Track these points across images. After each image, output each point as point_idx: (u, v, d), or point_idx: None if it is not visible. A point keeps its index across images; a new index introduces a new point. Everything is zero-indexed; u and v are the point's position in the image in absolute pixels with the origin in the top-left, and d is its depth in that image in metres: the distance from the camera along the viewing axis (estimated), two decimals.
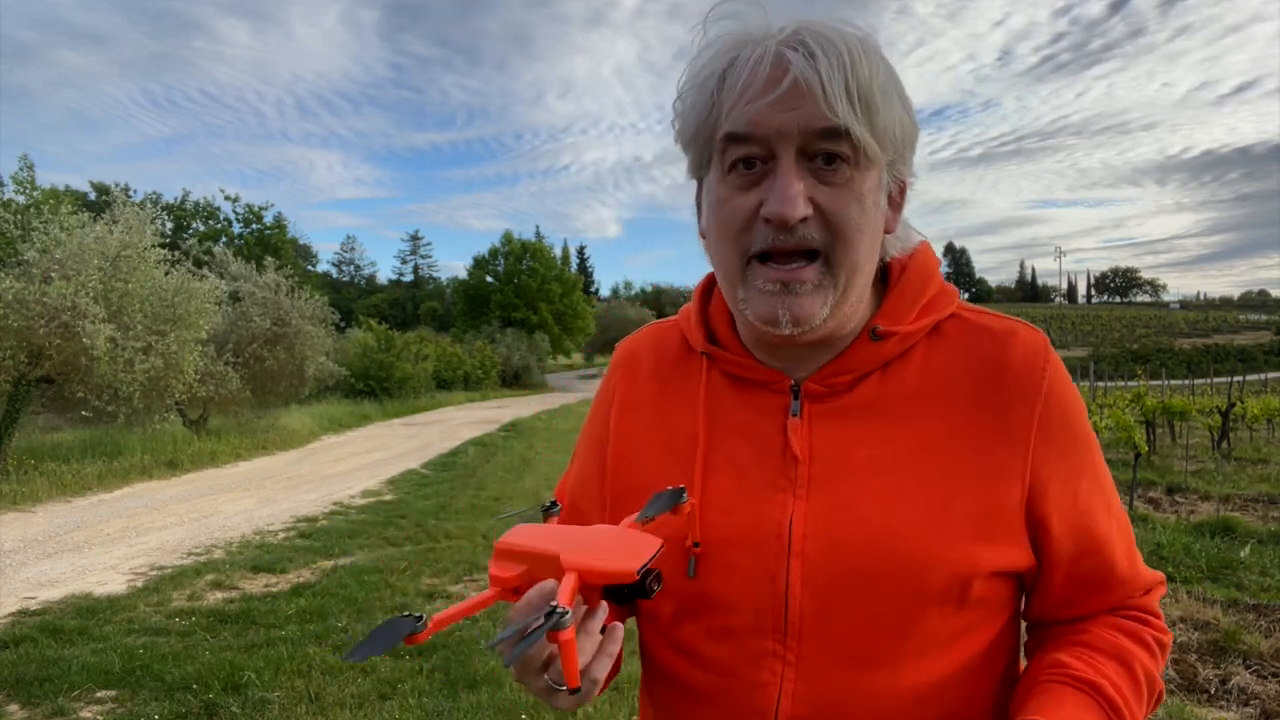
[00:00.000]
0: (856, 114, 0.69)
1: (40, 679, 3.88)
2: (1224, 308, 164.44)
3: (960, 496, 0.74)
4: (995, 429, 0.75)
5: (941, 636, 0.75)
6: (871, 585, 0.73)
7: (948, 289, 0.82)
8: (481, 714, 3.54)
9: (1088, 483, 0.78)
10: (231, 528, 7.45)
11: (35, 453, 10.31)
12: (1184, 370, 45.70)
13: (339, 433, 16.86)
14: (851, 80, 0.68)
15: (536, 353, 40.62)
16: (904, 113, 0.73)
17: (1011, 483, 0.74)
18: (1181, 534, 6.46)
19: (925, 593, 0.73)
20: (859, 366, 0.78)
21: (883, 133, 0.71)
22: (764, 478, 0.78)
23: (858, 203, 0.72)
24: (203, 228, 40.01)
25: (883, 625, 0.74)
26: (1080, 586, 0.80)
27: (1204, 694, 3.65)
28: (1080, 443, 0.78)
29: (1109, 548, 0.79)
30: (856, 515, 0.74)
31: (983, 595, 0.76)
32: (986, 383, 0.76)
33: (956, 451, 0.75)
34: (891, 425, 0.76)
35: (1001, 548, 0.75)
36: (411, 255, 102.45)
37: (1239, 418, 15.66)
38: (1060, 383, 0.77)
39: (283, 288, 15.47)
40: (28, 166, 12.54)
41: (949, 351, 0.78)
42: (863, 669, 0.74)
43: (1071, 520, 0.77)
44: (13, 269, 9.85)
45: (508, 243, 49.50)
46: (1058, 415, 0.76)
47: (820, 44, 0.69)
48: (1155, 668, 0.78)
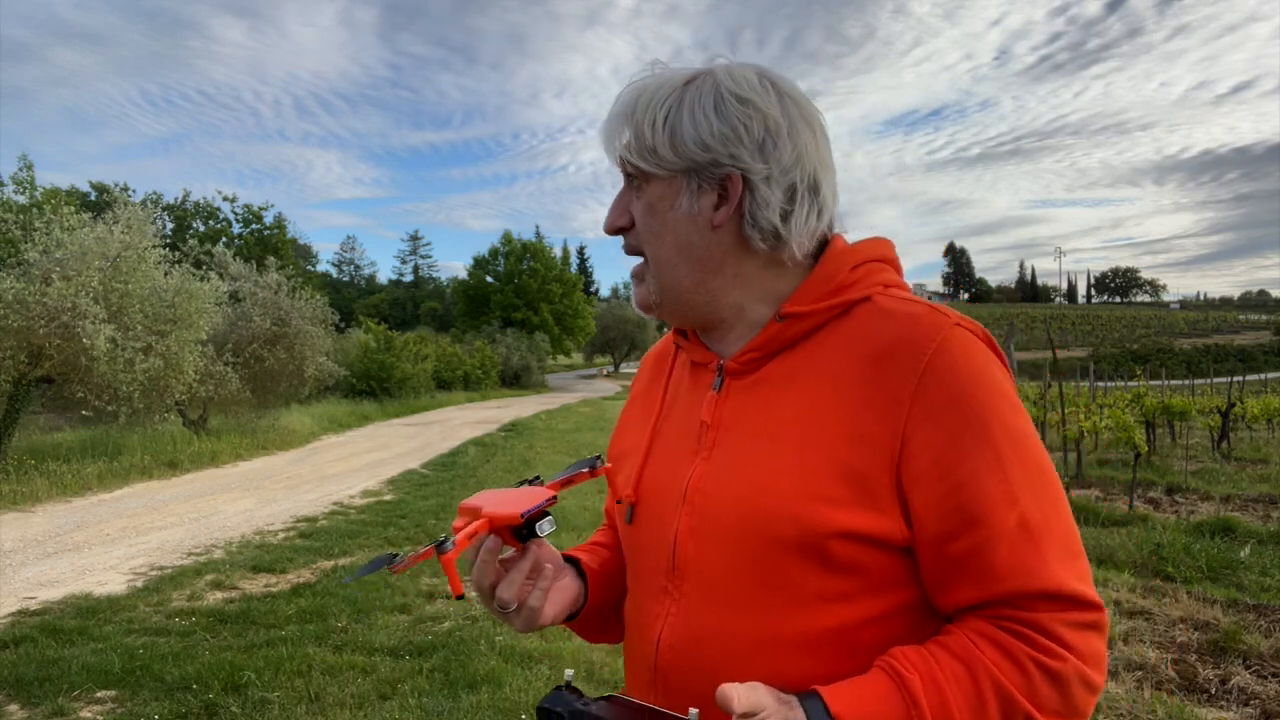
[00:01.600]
0: (628, 145, 0.88)
1: (40, 679, 3.88)
2: (1224, 308, 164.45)
3: (823, 460, 0.80)
4: (872, 401, 0.80)
5: (808, 595, 0.79)
6: (734, 534, 0.82)
7: (871, 278, 0.88)
8: (481, 714, 3.54)
9: (975, 466, 0.76)
10: (231, 528, 7.45)
11: (35, 453, 10.31)
12: (1184, 370, 45.71)
13: (339, 433, 16.86)
14: (629, 119, 0.87)
15: (536, 353, 40.62)
16: (695, 127, 0.84)
17: (877, 453, 0.78)
18: (1181, 534, 6.46)
19: (778, 544, 0.79)
20: (768, 345, 0.88)
21: (658, 149, 0.85)
22: (685, 443, 0.92)
23: (648, 211, 0.89)
24: (203, 228, 39.98)
25: (744, 572, 0.82)
26: (948, 570, 0.78)
27: (1204, 694, 3.65)
28: (973, 425, 0.77)
29: (987, 537, 0.75)
30: (735, 473, 0.85)
31: (850, 559, 0.78)
32: (874, 359, 0.81)
33: (831, 419, 0.81)
34: (786, 395, 0.85)
35: (857, 512, 0.78)
36: (411, 255, 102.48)
37: (1239, 418, 15.66)
38: (952, 363, 0.79)
39: (283, 288, 15.47)
40: (27, 167, 12.54)
41: (851, 331, 0.85)
42: (729, 610, 0.83)
43: (940, 498, 0.76)
44: (13, 269, 9.85)
45: (508, 243, 49.51)
46: (942, 394, 0.78)
47: (624, 94, 0.89)
48: (1022, 688, 0.72)
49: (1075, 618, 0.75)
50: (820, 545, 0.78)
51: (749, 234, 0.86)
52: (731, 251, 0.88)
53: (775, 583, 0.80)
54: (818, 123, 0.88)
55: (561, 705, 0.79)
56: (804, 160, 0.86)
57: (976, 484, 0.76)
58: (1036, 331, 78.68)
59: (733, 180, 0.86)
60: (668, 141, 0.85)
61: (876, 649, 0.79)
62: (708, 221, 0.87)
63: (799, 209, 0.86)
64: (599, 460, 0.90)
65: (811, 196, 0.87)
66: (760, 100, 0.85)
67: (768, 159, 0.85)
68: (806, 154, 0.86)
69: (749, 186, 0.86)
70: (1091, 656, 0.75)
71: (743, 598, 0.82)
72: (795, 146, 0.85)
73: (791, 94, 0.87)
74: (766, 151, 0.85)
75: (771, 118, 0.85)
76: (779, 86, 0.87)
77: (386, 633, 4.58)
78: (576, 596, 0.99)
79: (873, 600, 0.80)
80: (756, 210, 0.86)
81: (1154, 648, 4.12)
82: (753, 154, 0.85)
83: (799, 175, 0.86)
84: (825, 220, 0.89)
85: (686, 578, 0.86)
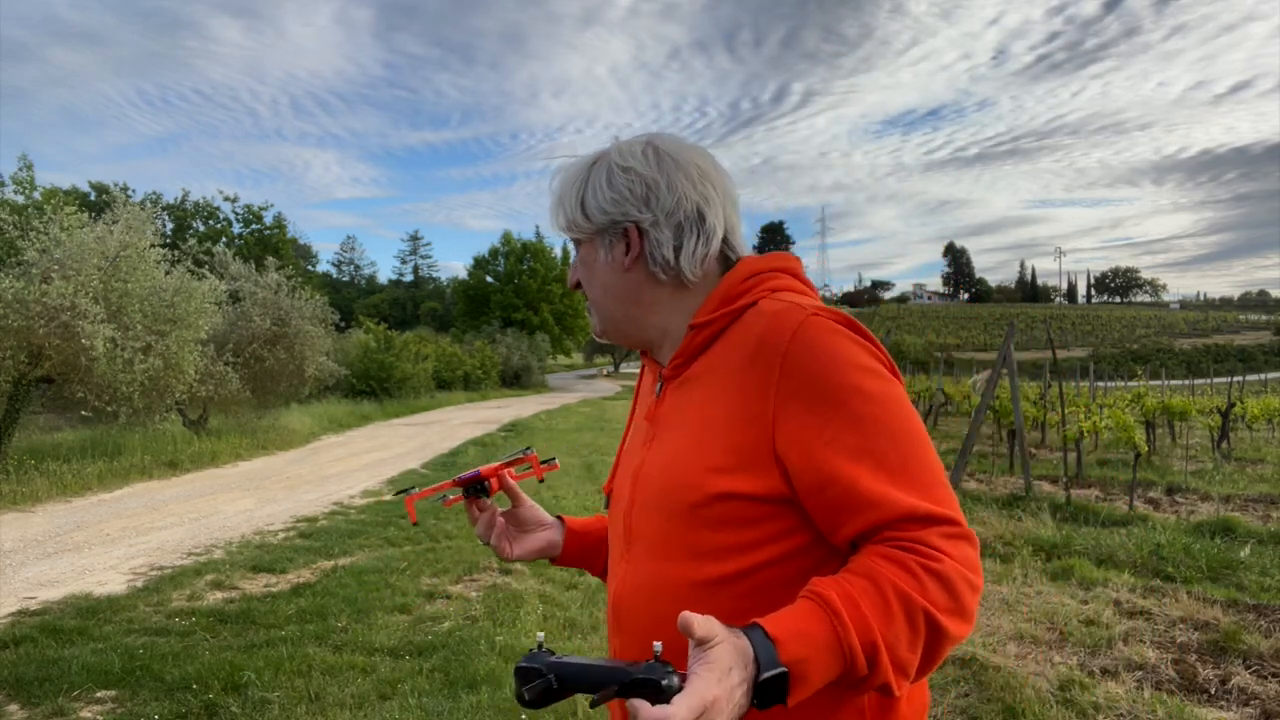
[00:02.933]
0: (559, 221, 1.15)
1: (40, 679, 3.87)
2: (1224, 308, 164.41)
3: (715, 438, 0.99)
4: (748, 385, 0.98)
5: (713, 547, 0.98)
6: (656, 503, 1.04)
7: (760, 286, 1.07)
8: (481, 714, 3.54)
9: (835, 428, 0.93)
10: (231, 528, 7.45)
11: (35, 453, 10.30)
12: (1184, 370, 45.70)
13: (339, 433, 16.87)
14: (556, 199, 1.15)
15: (536, 353, 40.62)
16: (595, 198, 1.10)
17: (755, 427, 0.97)
18: (1181, 534, 6.46)
19: (684, 508, 0.99)
20: (686, 352, 1.08)
21: (576, 220, 1.11)
22: (639, 438, 1.16)
23: (582, 265, 1.16)
24: (203, 228, 39.95)
25: (665, 532, 1.02)
26: (831, 513, 0.94)
27: (1204, 694, 3.65)
28: (828, 393, 0.94)
29: (852, 479, 0.91)
30: (659, 457, 1.06)
31: (742, 515, 0.97)
32: (750, 351, 1.00)
33: (721, 405, 1.00)
34: (695, 391, 1.06)
35: (742, 477, 0.96)
36: (411, 255, 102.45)
37: (1239, 418, 15.66)
38: (805, 344, 0.96)
39: (283, 288, 15.47)
40: (27, 166, 12.55)
41: (738, 333, 1.04)
42: (659, 563, 1.03)
43: (809, 458, 0.93)
44: (12, 269, 9.85)
45: (508, 243, 49.52)
46: (799, 373, 0.95)
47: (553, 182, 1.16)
48: (916, 588, 0.85)
49: (944, 530, 0.90)
50: (713, 506, 0.97)
51: (653, 270, 1.10)
52: (644, 286, 1.11)
53: (687, 539, 1.00)
54: (696, 167, 1.09)
55: (538, 661, 0.89)
56: (683, 202, 1.07)
57: (842, 439, 0.93)
58: (1036, 331, 78.65)
59: (630, 231, 1.10)
60: (581, 214, 1.11)
61: (779, 586, 0.96)
62: (620, 265, 1.11)
63: (688, 241, 1.08)
64: (528, 449, 1.30)
65: (697, 228, 1.08)
66: (639, 166, 1.08)
67: (652, 209, 1.08)
68: (685, 197, 1.07)
69: (642, 233, 1.09)
70: (965, 559, 0.89)
71: (667, 553, 1.02)
72: (674, 194, 1.07)
73: (670, 152, 1.09)
74: (650, 203, 1.08)
75: (649, 177, 1.08)
76: (659, 149, 1.10)
77: (386, 633, 4.58)
78: (548, 544, 1.31)
79: (767, 547, 0.97)
80: (653, 249, 1.09)
81: (1154, 648, 4.12)
82: (639, 208, 1.08)
83: (682, 215, 1.08)
84: (714, 245, 1.09)
85: (633, 543, 1.08)
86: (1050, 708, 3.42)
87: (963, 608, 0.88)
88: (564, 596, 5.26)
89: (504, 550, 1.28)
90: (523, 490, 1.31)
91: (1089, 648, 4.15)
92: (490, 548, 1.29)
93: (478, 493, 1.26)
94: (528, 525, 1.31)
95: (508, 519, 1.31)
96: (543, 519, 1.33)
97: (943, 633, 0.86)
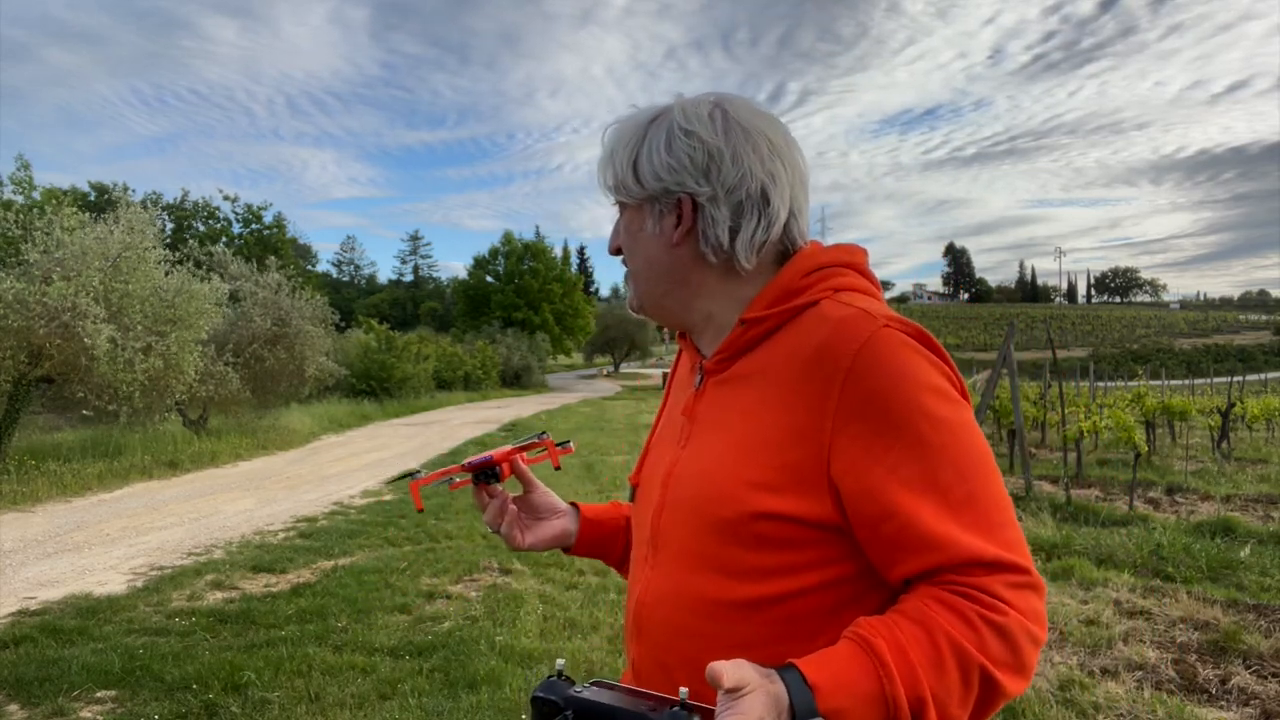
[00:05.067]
0: (606, 178, 1.04)
1: (40, 679, 3.88)
2: (1224, 308, 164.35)
3: (760, 450, 0.91)
4: (805, 399, 0.89)
5: (745, 567, 0.91)
6: (688, 513, 0.96)
7: (824, 283, 0.97)
8: (481, 714, 3.54)
9: (898, 456, 0.84)
10: (231, 528, 7.45)
11: (35, 453, 10.30)
12: (1184, 370, 45.70)
13: (339, 433, 16.86)
14: (606, 154, 1.04)
15: (537, 353, 40.59)
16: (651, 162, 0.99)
17: (809, 445, 0.88)
18: (1181, 534, 6.45)
19: (719, 523, 0.92)
20: (733, 347, 0.99)
21: (628, 179, 1.01)
22: (673, 434, 1.07)
23: (626, 233, 1.06)
24: (203, 228, 39.93)
25: (696, 545, 0.95)
26: (887, 548, 0.86)
27: (1204, 694, 3.65)
28: (894, 418, 0.85)
29: (912, 514, 0.83)
30: (695, 461, 0.98)
31: (781, 537, 0.89)
32: (808, 360, 0.90)
33: (771, 414, 0.92)
34: (742, 392, 0.97)
35: (788, 497, 0.88)
36: (411, 255, 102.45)
37: (1239, 418, 15.66)
38: (874, 358, 0.87)
39: (283, 288, 15.46)
40: (24, 166, 12.53)
41: (795, 334, 0.94)
42: (686, 576, 0.96)
43: (867, 486, 0.85)
44: (13, 269, 9.85)
45: (508, 243, 49.49)
46: (864, 392, 0.86)
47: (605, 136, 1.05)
48: (974, 641, 0.79)
49: (1009, 579, 0.82)
50: (752, 524, 0.89)
51: (703, 250, 1.00)
52: (692, 265, 1.01)
53: (719, 555, 0.92)
54: (766, 140, 0.98)
55: (555, 693, 0.85)
56: (748, 179, 0.97)
57: (905, 469, 0.84)
58: (1036, 331, 78.66)
59: (684, 204, 0.99)
60: (632, 176, 1.01)
61: (816, 615, 0.89)
62: (668, 240, 1.01)
63: (746, 224, 0.98)
64: (543, 434, 1.21)
65: (759, 210, 0.98)
66: (704, 131, 0.98)
67: (711, 182, 0.97)
68: (750, 173, 0.97)
69: (697, 207, 0.99)
70: (1030, 612, 0.82)
71: (696, 567, 0.94)
72: (738, 168, 0.97)
73: (740, 119, 0.98)
74: (711, 176, 0.97)
75: (713, 145, 0.97)
76: (729, 114, 0.99)
77: (386, 633, 4.58)
78: (562, 533, 1.23)
79: (806, 574, 0.89)
80: (706, 227, 0.99)
81: (1154, 648, 4.12)
82: (697, 179, 0.98)
83: (744, 193, 0.97)
84: (775, 231, 0.99)
85: (660, 548, 1.01)
86: (1050, 708, 3.42)
87: (1022, 663, 0.81)
88: (564, 597, 5.26)
89: (515, 539, 1.20)
90: None
91: (1089, 648, 4.15)
92: (500, 536, 1.21)
93: (488, 478, 1.18)
94: (541, 512, 1.23)
95: (519, 505, 1.22)
96: (557, 506, 1.25)
97: (998, 690, 0.80)
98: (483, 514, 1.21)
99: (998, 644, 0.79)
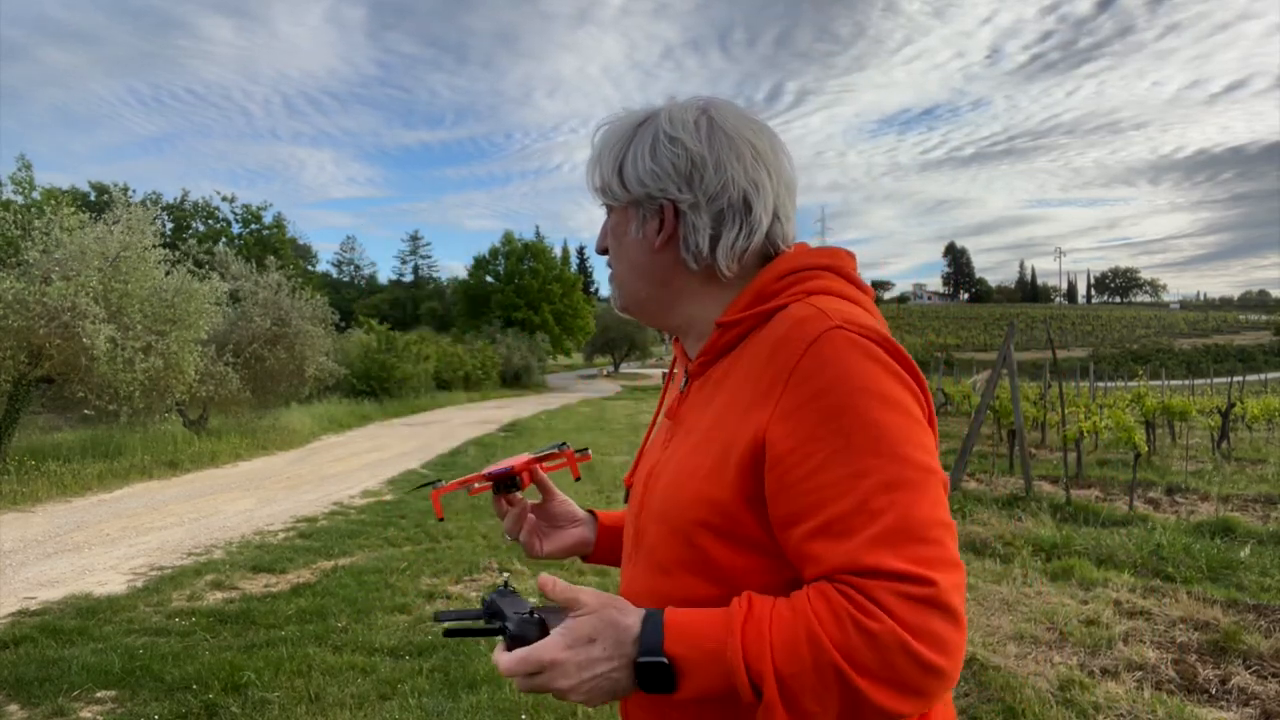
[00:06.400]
0: (594, 180, 1.05)
1: (40, 679, 3.87)
2: (1224, 308, 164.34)
3: (725, 450, 0.91)
4: (758, 396, 0.90)
5: (713, 565, 0.91)
6: (661, 514, 0.97)
7: (798, 286, 0.97)
8: (481, 714, 3.54)
9: (823, 458, 0.82)
10: (231, 528, 7.45)
11: (35, 453, 10.30)
12: (1184, 370, 45.70)
13: (339, 433, 16.86)
14: (594, 156, 1.05)
15: (537, 353, 40.60)
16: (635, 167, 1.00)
17: (752, 442, 0.88)
18: (1181, 534, 6.46)
19: (687, 523, 0.92)
20: (712, 350, 1.01)
21: (611, 186, 1.03)
22: (661, 435, 1.10)
23: (612, 235, 1.07)
24: (202, 228, 39.93)
25: (667, 545, 0.96)
26: (795, 548, 0.85)
27: (1204, 694, 3.65)
28: (829, 420, 0.83)
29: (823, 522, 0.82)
30: (669, 463, 1.00)
31: (747, 536, 0.89)
32: (765, 359, 0.91)
33: (735, 415, 0.92)
34: (715, 395, 0.98)
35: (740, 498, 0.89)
36: (411, 255, 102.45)
37: (1239, 418, 15.66)
38: (820, 360, 0.85)
39: (283, 288, 15.47)
40: (25, 166, 12.53)
41: (763, 335, 0.94)
42: (659, 575, 0.97)
43: (785, 486, 0.85)
44: (13, 269, 9.85)
45: (508, 243, 49.50)
46: (805, 390, 0.85)
47: (594, 138, 1.06)
48: (835, 639, 0.76)
49: (902, 589, 0.77)
50: (718, 524, 0.90)
51: (684, 256, 1.01)
52: (674, 270, 1.03)
53: (687, 555, 0.93)
54: (751, 147, 0.99)
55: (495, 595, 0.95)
56: (729, 187, 0.98)
57: (827, 472, 0.82)
58: (1036, 331, 78.65)
59: (666, 210, 1.01)
60: (618, 180, 1.03)
61: None
62: (650, 244, 1.03)
63: (727, 232, 0.99)
64: (562, 445, 1.22)
65: (740, 218, 0.99)
66: (688, 138, 0.98)
67: (693, 189, 0.98)
68: (733, 181, 0.97)
69: (679, 215, 1.00)
70: (916, 627, 0.76)
71: (668, 566, 0.96)
72: (720, 176, 0.97)
73: (725, 126, 0.99)
74: (693, 183, 0.98)
75: (696, 153, 0.98)
76: (714, 120, 0.99)
77: (386, 633, 4.58)
78: (580, 541, 1.25)
79: (768, 573, 0.89)
80: (687, 234, 1.00)
81: (1154, 648, 4.12)
82: (680, 186, 0.99)
83: (725, 201, 0.98)
84: (756, 238, 0.99)
85: (638, 549, 1.03)
86: (1050, 708, 3.42)
87: (898, 679, 0.75)
88: None
89: (534, 547, 1.23)
90: None
91: (1089, 648, 4.15)
92: (519, 544, 1.23)
93: (509, 487, 1.20)
94: (559, 521, 1.25)
95: (538, 514, 1.24)
96: (575, 514, 1.27)
97: (862, 697, 0.75)
98: (502, 521, 1.23)
99: (865, 649, 0.75)
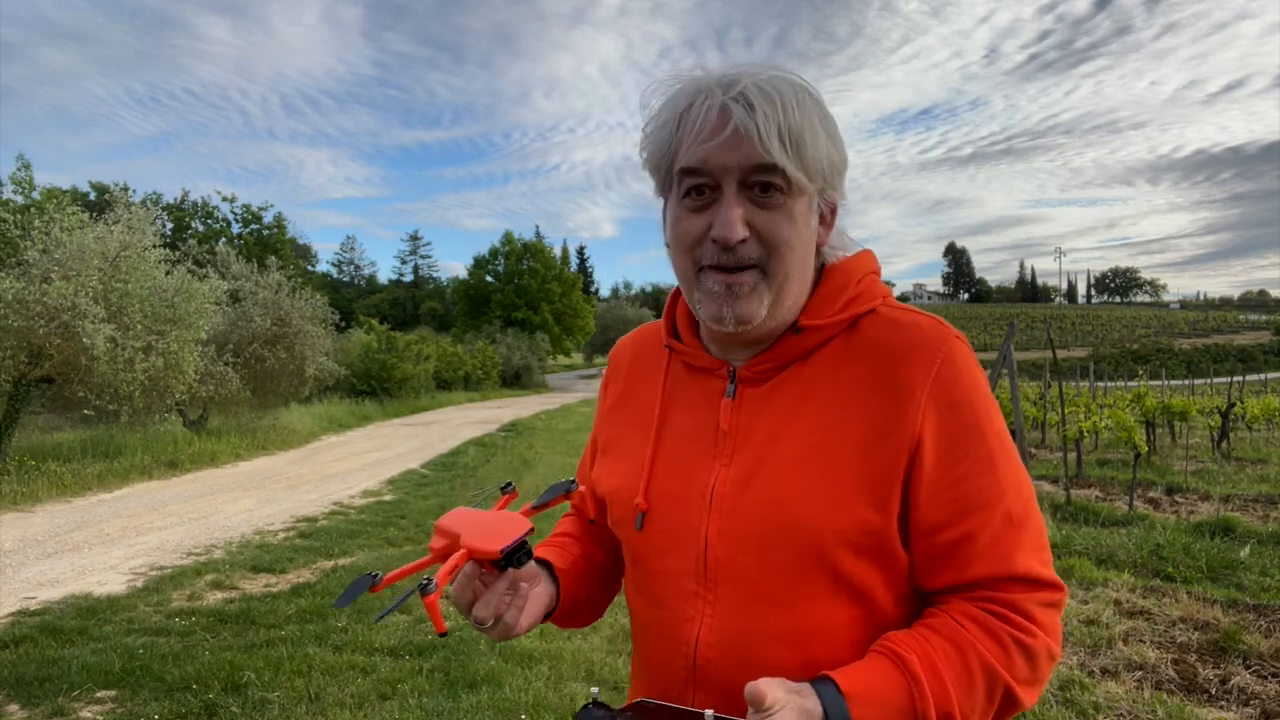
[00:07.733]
0: (787, 152, 0.84)
1: (40, 679, 3.88)
2: (1224, 308, 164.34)
3: (849, 466, 0.85)
4: (888, 404, 0.86)
5: (840, 588, 0.86)
6: (769, 538, 0.87)
7: (873, 290, 0.94)
8: (481, 714, 3.54)
9: (972, 464, 0.85)
10: (231, 528, 7.45)
11: (35, 453, 10.30)
12: (1184, 370, 45.70)
13: (339, 433, 16.86)
14: (783, 124, 0.83)
15: (537, 353, 40.59)
16: (832, 149, 0.88)
17: (895, 451, 0.84)
18: (1181, 534, 6.45)
19: (813, 546, 0.85)
20: (783, 356, 0.92)
21: (811, 166, 0.86)
22: (699, 447, 0.94)
23: (789, 223, 0.87)
24: (202, 228, 39.91)
25: (781, 572, 0.86)
26: (936, 556, 0.86)
27: (1204, 694, 3.65)
28: (971, 427, 0.85)
29: (976, 527, 0.84)
30: (761, 481, 0.88)
31: (874, 551, 0.86)
32: (885, 367, 0.87)
33: (852, 428, 0.86)
34: (803, 404, 0.90)
35: (872, 509, 0.85)
36: (411, 255, 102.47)
37: (1239, 418, 15.66)
38: (955, 369, 0.86)
39: (284, 288, 15.48)
40: (25, 166, 12.53)
41: (861, 342, 0.90)
42: (766, 608, 0.87)
43: (941, 490, 0.84)
44: (13, 269, 9.85)
45: (508, 243, 49.48)
46: (948, 398, 0.85)
47: (758, 96, 0.83)
48: (1004, 663, 0.81)
49: (1043, 597, 0.84)
50: (863, 541, 0.85)
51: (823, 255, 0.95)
52: None
53: (812, 580, 0.86)
54: None
55: None
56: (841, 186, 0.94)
57: (973, 480, 0.84)
58: (1036, 331, 78.67)
59: (832, 206, 0.93)
60: (820, 156, 0.87)
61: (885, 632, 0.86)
62: (815, 242, 0.92)
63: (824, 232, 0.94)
64: (573, 484, 0.94)
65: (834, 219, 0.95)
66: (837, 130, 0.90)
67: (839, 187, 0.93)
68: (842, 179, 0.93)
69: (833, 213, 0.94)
70: (1054, 631, 0.85)
71: (780, 596, 0.87)
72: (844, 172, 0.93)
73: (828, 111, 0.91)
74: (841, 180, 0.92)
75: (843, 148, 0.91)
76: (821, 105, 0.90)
77: (386, 633, 4.58)
78: (549, 601, 1.01)
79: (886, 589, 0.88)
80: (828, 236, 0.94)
81: (1154, 648, 4.12)
82: (838, 182, 0.92)
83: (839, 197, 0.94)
84: None
85: (721, 580, 0.89)
86: (1050, 708, 3.42)
87: (1040, 679, 0.84)
88: None
89: (518, 625, 0.93)
90: None
91: (1089, 648, 4.15)
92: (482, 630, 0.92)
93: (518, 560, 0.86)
94: (521, 577, 0.95)
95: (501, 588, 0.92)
96: (533, 570, 0.99)
97: (1016, 704, 0.83)
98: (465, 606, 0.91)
99: (1023, 663, 0.82)
